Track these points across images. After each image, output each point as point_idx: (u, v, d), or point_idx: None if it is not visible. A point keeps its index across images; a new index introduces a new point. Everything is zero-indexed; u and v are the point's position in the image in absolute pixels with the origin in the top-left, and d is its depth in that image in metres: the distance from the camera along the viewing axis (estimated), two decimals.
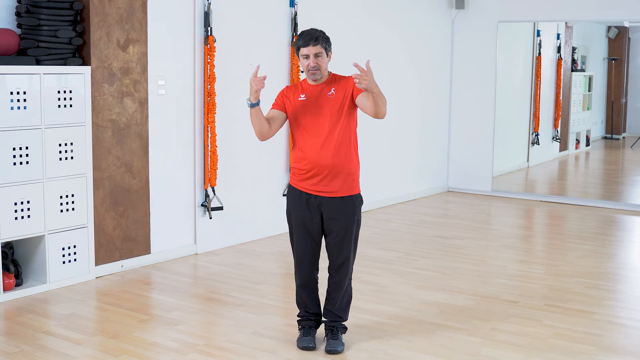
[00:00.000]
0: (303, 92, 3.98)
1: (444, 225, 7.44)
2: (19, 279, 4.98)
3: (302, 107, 3.96)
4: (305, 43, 3.88)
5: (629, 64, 9.41)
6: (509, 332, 4.34)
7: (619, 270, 5.77)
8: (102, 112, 5.33)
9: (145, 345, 4.11)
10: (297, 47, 3.92)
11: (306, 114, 3.95)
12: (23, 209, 4.88)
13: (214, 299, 4.96)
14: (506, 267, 5.81)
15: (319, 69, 3.90)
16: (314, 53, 3.88)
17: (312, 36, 3.88)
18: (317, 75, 3.91)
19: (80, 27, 5.14)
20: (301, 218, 4.01)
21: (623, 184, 9.27)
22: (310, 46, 3.87)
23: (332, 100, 3.93)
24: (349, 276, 4.09)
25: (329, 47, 3.95)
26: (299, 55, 3.93)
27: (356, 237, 4.05)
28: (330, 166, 3.91)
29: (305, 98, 3.96)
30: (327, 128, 3.91)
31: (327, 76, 4.00)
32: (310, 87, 3.99)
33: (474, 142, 9.06)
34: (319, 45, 3.88)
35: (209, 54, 5.96)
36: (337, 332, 4.06)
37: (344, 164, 3.94)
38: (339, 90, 3.95)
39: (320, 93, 3.95)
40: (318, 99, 3.94)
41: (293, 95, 4.00)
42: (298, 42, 3.92)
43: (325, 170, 3.92)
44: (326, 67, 3.96)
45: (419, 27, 8.60)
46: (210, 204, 6.09)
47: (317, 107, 3.94)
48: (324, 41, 3.91)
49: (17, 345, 4.07)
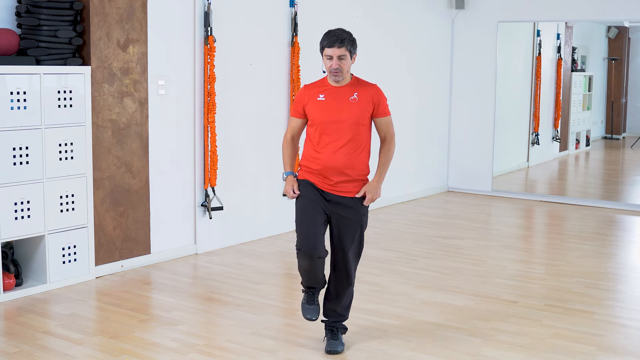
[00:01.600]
0: (323, 92, 3.92)
1: (444, 225, 7.44)
2: (19, 279, 4.98)
3: (321, 107, 3.91)
4: (330, 44, 3.82)
5: (629, 64, 9.41)
6: (509, 332, 4.34)
7: (619, 270, 5.77)
8: (102, 112, 5.33)
9: (145, 345, 4.11)
10: (322, 46, 3.86)
11: (324, 115, 3.89)
12: (23, 209, 4.88)
13: (214, 299, 4.96)
14: (506, 267, 5.81)
15: (341, 71, 3.85)
16: (338, 55, 3.82)
17: (338, 38, 3.82)
18: (338, 77, 3.87)
19: (80, 27, 5.14)
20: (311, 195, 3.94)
21: (623, 184, 9.27)
22: (334, 47, 3.81)
23: (353, 105, 3.89)
24: (352, 275, 4.06)
25: (354, 49, 3.89)
26: (322, 54, 3.87)
27: (361, 237, 4.02)
28: (341, 171, 3.89)
29: (324, 98, 3.91)
30: (344, 132, 3.86)
31: (350, 79, 3.95)
32: (331, 87, 3.93)
33: (474, 142, 9.06)
34: (344, 48, 3.82)
35: (209, 54, 5.96)
36: (337, 332, 4.06)
37: (356, 170, 3.92)
38: (363, 97, 3.90)
39: (341, 96, 3.90)
40: (339, 101, 3.89)
41: (312, 95, 3.94)
42: (323, 42, 3.86)
43: (335, 174, 3.90)
44: (349, 70, 3.90)
45: (419, 27, 8.60)
46: (210, 204, 6.09)
47: (337, 109, 3.88)
48: (350, 44, 3.85)
49: (17, 345, 4.07)
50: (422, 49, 8.67)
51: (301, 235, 3.89)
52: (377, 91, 3.94)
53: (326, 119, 3.89)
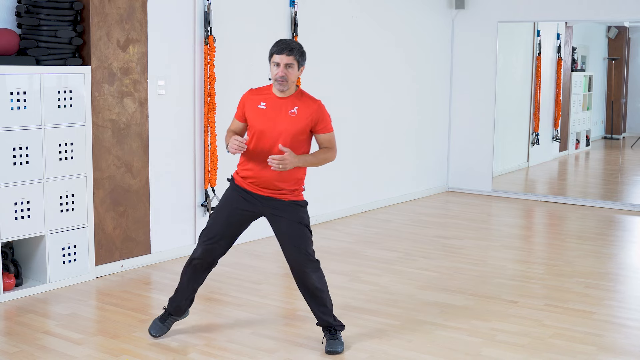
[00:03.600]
0: (265, 101, 3.92)
1: (444, 225, 7.44)
2: (19, 279, 4.98)
3: (260, 115, 3.90)
4: (279, 51, 3.83)
5: (629, 64, 9.41)
6: (509, 332, 4.34)
7: (619, 270, 5.77)
8: (102, 112, 5.33)
9: (145, 345, 4.11)
10: (271, 53, 3.86)
11: (262, 124, 3.90)
12: (23, 209, 4.88)
13: (214, 299, 4.96)
14: (506, 267, 5.81)
15: (286, 80, 3.84)
16: (286, 63, 3.82)
17: (288, 46, 3.84)
18: (283, 86, 3.85)
19: (80, 27, 5.14)
20: (235, 205, 3.99)
21: (623, 184, 9.27)
22: (283, 55, 3.82)
23: (291, 119, 3.88)
24: (311, 273, 3.99)
25: (303, 61, 3.90)
26: (270, 61, 3.87)
27: (305, 231, 3.98)
28: (272, 183, 3.92)
29: (265, 107, 3.91)
30: (275, 145, 3.86)
31: (294, 91, 3.94)
32: (274, 97, 3.92)
33: (474, 142, 9.06)
34: (293, 57, 3.83)
35: (209, 54, 5.96)
36: (335, 332, 4.05)
37: (287, 183, 3.94)
38: (303, 112, 3.90)
39: (282, 107, 3.90)
40: (278, 112, 3.89)
41: (254, 102, 3.95)
42: (272, 49, 3.86)
43: (267, 184, 3.93)
44: (294, 81, 3.89)
45: (419, 27, 8.60)
46: (210, 204, 6.09)
47: (275, 121, 3.88)
48: (299, 54, 3.86)
49: (17, 345, 4.07)
50: (422, 49, 8.67)
51: (201, 242, 4.02)
52: (319, 107, 3.94)
53: (263, 129, 3.89)
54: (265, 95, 3.95)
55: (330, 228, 7.15)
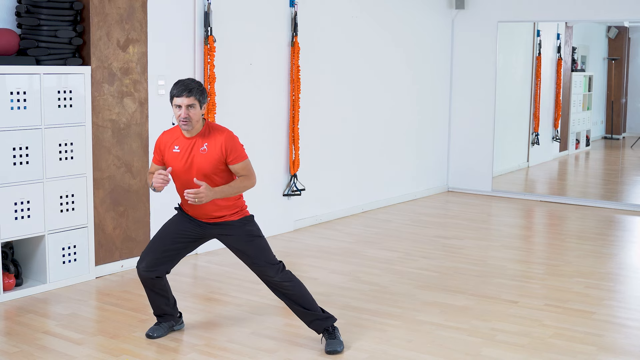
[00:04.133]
0: (177, 144, 3.96)
1: (444, 225, 7.44)
2: (19, 279, 4.98)
3: (176, 159, 3.94)
4: (179, 93, 3.84)
5: (629, 64, 9.41)
6: (509, 332, 4.34)
7: (619, 270, 5.77)
8: (102, 112, 5.33)
9: (145, 345, 4.11)
10: (171, 95, 3.89)
11: (179, 166, 3.93)
12: (23, 209, 4.88)
13: (214, 299, 4.96)
14: (506, 267, 5.81)
15: (190, 120, 3.86)
16: (187, 104, 3.84)
17: (187, 87, 3.84)
18: (187, 126, 3.87)
19: (80, 27, 5.14)
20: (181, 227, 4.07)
21: (623, 184, 9.27)
22: (183, 97, 3.83)
23: (204, 156, 3.90)
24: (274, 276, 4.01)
25: (204, 99, 3.91)
26: (172, 103, 3.89)
27: (257, 243, 4.05)
28: (211, 215, 4.00)
29: (179, 150, 3.95)
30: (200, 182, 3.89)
31: (201, 127, 3.96)
32: (183, 138, 3.95)
33: (474, 142, 9.06)
34: (193, 97, 3.84)
35: (209, 54, 5.96)
36: (332, 331, 4.05)
37: (225, 210, 4.00)
38: (212, 147, 3.91)
39: (192, 147, 3.92)
40: (190, 153, 3.92)
41: (169, 146, 3.98)
42: (172, 91, 3.88)
43: (206, 216, 4.01)
44: (198, 119, 3.90)
45: (419, 27, 8.60)
46: None
47: (189, 162, 3.91)
48: (198, 93, 3.87)
49: (17, 345, 4.07)
50: (422, 49, 8.67)
51: (143, 255, 4.08)
52: (227, 138, 3.94)
53: (181, 170, 3.94)
54: (176, 137, 3.99)
55: (330, 228, 7.15)
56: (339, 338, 4.04)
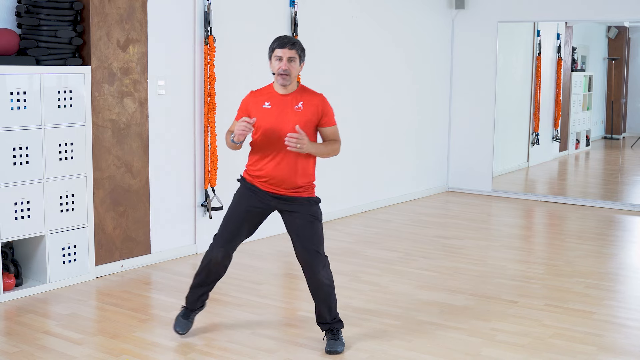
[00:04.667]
0: (269, 100, 3.92)
1: (444, 225, 7.44)
2: (19, 279, 4.98)
3: (267, 115, 3.89)
4: (281, 45, 3.84)
5: (629, 64, 9.41)
6: (509, 332, 4.34)
7: (619, 270, 5.77)
8: (102, 112, 5.33)
9: (145, 345, 4.11)
10: (272, 48, 3.87)
11: (269, 123, 3.88)
12: (23, 209, 4.88)
13: (214, 299, 4.96)
14: (506, 267, 5.81)
15: (289, 74, 3.84)
16: (288, 57, 3.83)
17: (290, 40, 3.86)
18: (286, 80, 3.85)
19: (80, 27, 5.14)
20: (248, 203, 3.99)
21: (623, 184, 9.27)
22: (285, 48, 3.83)
23: (298, 114, 3.88)
24: (321, 272, 3.98)
25: (304, 56, 3.92)
26: (271, 57, 3.87)
27: (319, 229, 4.00)
28: (285, 181, 3.92)
29: (270, 106, 3.90)
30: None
31: (296, 86, 3.95)
32: (277, 95, 3.92)
33: (474, 142, 9.06)
34: (295, 50, 3.84)
35: (209, 54, 5.96)
36: (336, 332, 4.05)
37: (300, 179, 3.94)
38: (308, 106, 3.90)
39: (287, 104, 3.90)
40: (284, 109, 3.89)
41: (258, 103, 3.94)
42: (273, 44, 3.87)
43: (280, 183, 3.93)
44: (296, 75, 3.90)
45: (419, 27, 8.60)
46: (210, 204, 6.09)
47: (281, 118, 3.88)
48: (300, 48, 3.88)
49: (17, 345, 4.07)
50: (422, 49, 8.67)
51: (218, 237, 4.02)
52: (322, 101, 3.95)
53: (271, 127, 3.88)
54: (268, 94, 3.95)
55: (330, 228, 7.15)
56: (341, 339, 4.04)
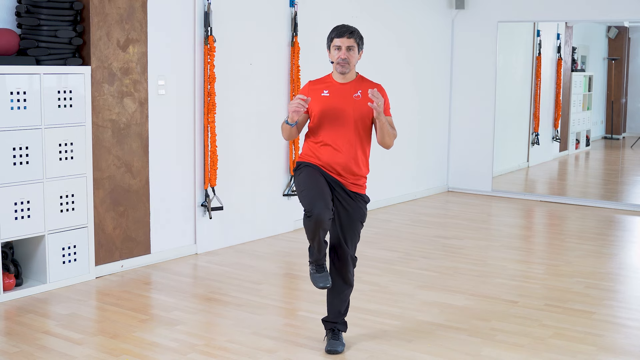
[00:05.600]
0: (327, 88, 3.92)
1: (444, 225, 7.44)
2: (19, 279, 4.98)
3: (325, 103, 3.89)
4: (339, 34, 3.85)
5: (629, 64, 9.41)
6: (509, 332, 4.34)
7: (619, 270, 5.77)
8: (102, 112, 5.33)
9: (145, 345, 4.11)
10: (331, 37, 3.88)
11: (328, 111, 3.88)
12: (23, 209, 4.88)
13: (214, 299, 4.96)
14: (506, 267, 5.81)
15: (348, 62, 3.86)
16: (347, 45, 3.84)
17: (349, 29, 3.87)
18: (345, 68, 3.86)
19: (80, 27, 5.14)
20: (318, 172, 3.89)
21: (623, 184, 9.27)
22: (344, 37, 3.84)
23: (357, 102, 3.88)
24: (350, 270, 4.01)
25: (362, 45, 3.93)
26: (330, 46, 3.88)
27: (358, 234, 4.01)
28: (343, 168, 3.88)
29: (329, 94, 3.90)
30: (347, 128, 3.86)
31: (355, 76, 3.95)
32: (336, 84, 3.93)
33: (474, 142, 9.06)
34: (353, 39, 3.86)
35: (209, 54, 5.96)
36: (338, 332, 4.06)
37: (357, 167, 3.91)
38: (366, 95, 3.88)
39: (346, 92, 3.90)
40: (343, 97, 3.89)
41: (316, 92, 3.93)
42: (332, 34, 3.88)
43: (339, 168, 3.89)
44: (355, 64, 3.91)
45: (419, 27, 8.60)
46: (210, 204, 6.09)
47: (340, 106, 3.87)
48: (359, 37, 3.90)
49: (17, 345, 4.07)
50: (422, 49, 8.67)
51: (311, 199, 3.76)
52: (381, 89, 3.95)
53: (330, 115, 3.87)
54: (326, 83, 3.96)
55: None
56: (341, 340, 4.05)
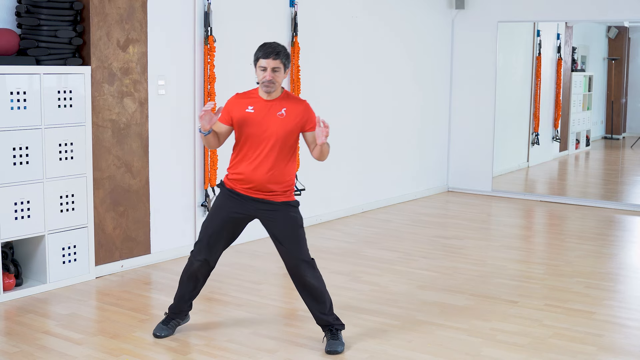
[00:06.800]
0: (252, 104, 3.95)
1: (444, 225, 7.44)
2: (19, 279, 4.98)
3: (249, 120, 3.93)
4: (265, 55, 3.87)
5: (629, 64, 9.41)
6: (509, 332, 4.34)
7: (619, 270, 5.77)
8: (102, 112, 5.33)
9: (145, 345, 4.11)
10: (256, 57, 3.91)
11: (251, 128, 3.92)
12: (23, 209, 4.88)
13: (214, 299, 4.96)
14: (506, 267, 5.81)
15: (274, 83, 3.88)
16: (272, 67, 3.86)
17: (274, 50, 3.88)
18: (270, 88, 3.89)
19: (80, 27, 5.14)
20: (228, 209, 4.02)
21: (623, 184, 9.27)
22: (270, 59, 3.86)
23: (280, 120, 3.91)
24: (308, 272, 4.01)
25: (288, 64, 3.94)
26: (256, 65, 3.91)
27: (300, 232, 4.01)
28: (265, 186, 3.94)
29: (253, 111, 3.93)
30: (268, 147, 3.90)
31: (280, 93, 3.98)
32: (261, 100, 3.95)
33: (474, 142, 9.06)
34: (279, 60, 3.87)
35: (209, 54, 5.96)
36: (336, 332, 4.05)
37: (280, 185, 3.97)
38: (291, 113, 3.93)
39: (270, 110, 3.93)
40: (266, 115, 3.92)
41: (241, 106, 3.97)
42: (258, 53, 3.90)
43: (260, 187, 3.96)
44: (281, 83, 3.94)
45: (419, 27, 8.60)
46: (210, 204, 6.09)
47: (263, 124, 3.91)
48: (284, 57, 3.90)
49: (17, 345, 4.07)
50: (422, 49, 8.67)
51: (200, 240, 4.04)
52: (306, 107, 3.99)
53: (253, 132, 3.92)
54: (252, 98, 3.99)
55: (330, 228, 7.15)
56: (340, 339, 4.04)
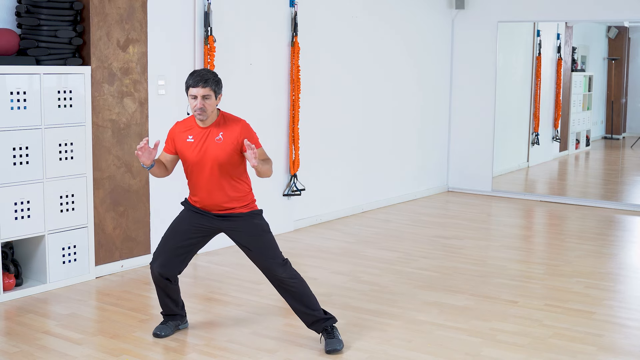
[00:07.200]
0: (191, 133, 3.98)
1: (444, 225, 7.44)
2: (19, 279, 4.98)
3: (189, 149, 3.97)
4: (194, 84, 3.87)
5: (629, 64, 9.41)
6: (509, 332, 4.34)
7: (619, 270, 5.77)
8: (102, 112, 5.33)
9: (145, 345, 4.11)
10: (187, 86, 3.91)
11: (194, 156, 3.96)
12: (23, 209, 4.88)
13: (214, 299, 4.96)
14: (506, 267, 5.81)
15: (205, 110, 3.89)
16: (202, 95, 3.87)
17: (202, 77, 3.87)
18: (202, 116, 3.91)
19: (80, 27, 5.15)
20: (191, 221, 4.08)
21: (623, 184, 9.27)
22: (199, 87, 3.86)
23: (219, 146, 3.93)
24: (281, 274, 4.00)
25: (219, 89, 3.94)
26: (187, 93, 3.92)
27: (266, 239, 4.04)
28: (222, 206, 4.01)
29: (193, 140, 3.97)
30: (215, 173, 3.94)
31: (216, 117, 3.99)
32: (198, 128, 3.98)
33: (474, 142, 9.06)
34: (208, 88, 3.87)
35: (209, 54, 5.96)
36: (331, 330, 4.05)
37: (237, 202, 4.03)
38: (228, 137, 3.94)
39: (207, 136, 3.95)
40: (205, 142, 3.95)
41: (182, 136, 4.01)
42: (188, 82, 3.91)
43: (216, 207, 4.02)
44: (213, 110, 3.94)
45: (419, 27, 8.60)
46: None
47: (203, 151, 3.94)
48: (214, 84, 3.90)
49: (17, 345, 4.07)
50: (422, 49, 8.67)
51: (157, 252, 4.12)
52: (243, 127, 4.00)
53: (196, 160, 3.97)
54: (190, 127, 4.02)
55: (330, 228, 7.15)
56: (337, 337, 4.04)
